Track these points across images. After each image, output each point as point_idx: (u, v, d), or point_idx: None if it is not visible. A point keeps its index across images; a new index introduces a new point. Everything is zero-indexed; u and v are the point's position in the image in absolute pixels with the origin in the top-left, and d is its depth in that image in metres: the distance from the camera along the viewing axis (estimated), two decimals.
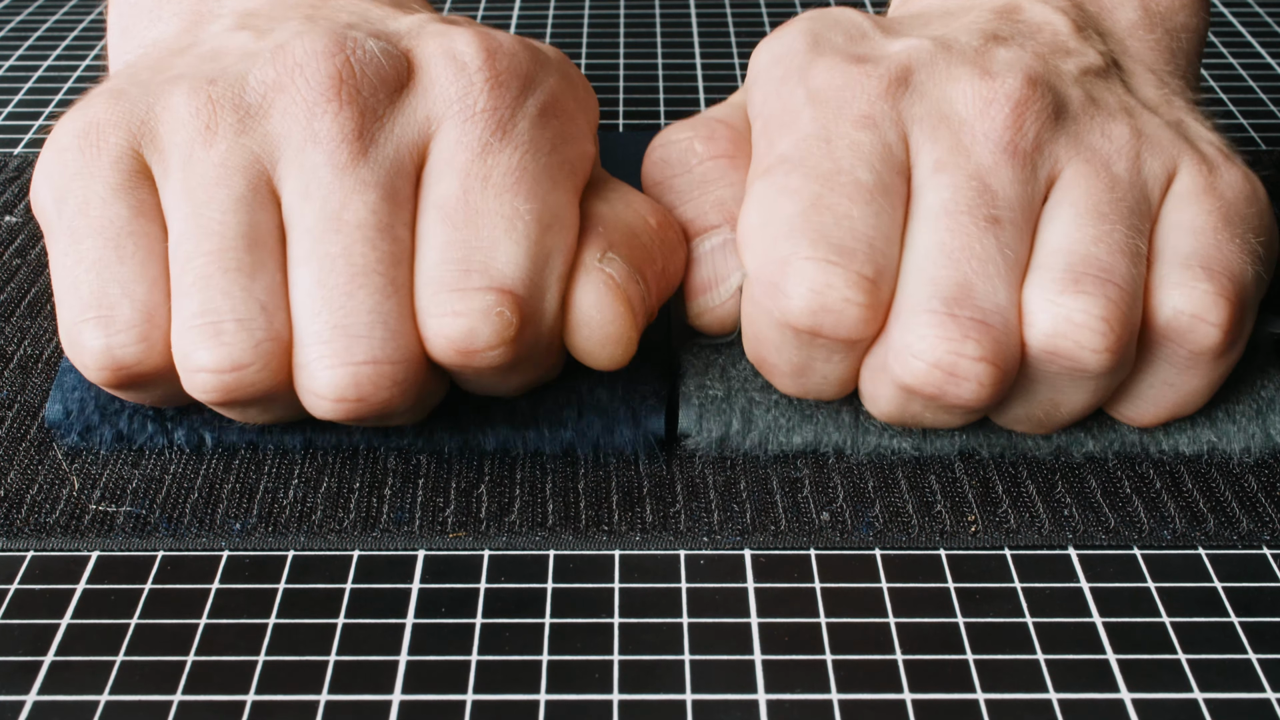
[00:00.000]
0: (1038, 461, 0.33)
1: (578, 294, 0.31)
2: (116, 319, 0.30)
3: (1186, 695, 0.27)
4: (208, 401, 0.30)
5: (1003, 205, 0.30)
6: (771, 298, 0.30)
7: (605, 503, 0.32)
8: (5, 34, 0.58)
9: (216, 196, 0.30)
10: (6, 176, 0.46)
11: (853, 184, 0.30)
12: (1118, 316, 0.29)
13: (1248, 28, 0.58)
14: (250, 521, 0.31)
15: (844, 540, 0.31)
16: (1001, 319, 0.29)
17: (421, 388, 0.30)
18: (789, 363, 0.31)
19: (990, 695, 0.27)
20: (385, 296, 0.29)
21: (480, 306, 0.29)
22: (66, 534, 0.31)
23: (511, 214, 0.30)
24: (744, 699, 0.27)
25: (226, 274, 0.29)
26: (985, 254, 0.30)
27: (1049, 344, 0.30)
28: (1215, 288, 0.30)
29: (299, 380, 0.30)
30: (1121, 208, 0.31)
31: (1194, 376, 0.32)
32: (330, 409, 0.29)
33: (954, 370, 0.29)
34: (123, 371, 0.30)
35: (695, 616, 0.29)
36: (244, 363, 0.29)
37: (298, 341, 0.29)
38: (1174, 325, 0.30)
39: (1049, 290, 0.29)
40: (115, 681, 0.27)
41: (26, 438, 0.34)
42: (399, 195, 0.30)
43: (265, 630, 0.28)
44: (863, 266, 0.29)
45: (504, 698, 0.27)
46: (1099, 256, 0.30)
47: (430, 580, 0.30)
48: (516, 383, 0.32)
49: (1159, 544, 0.31)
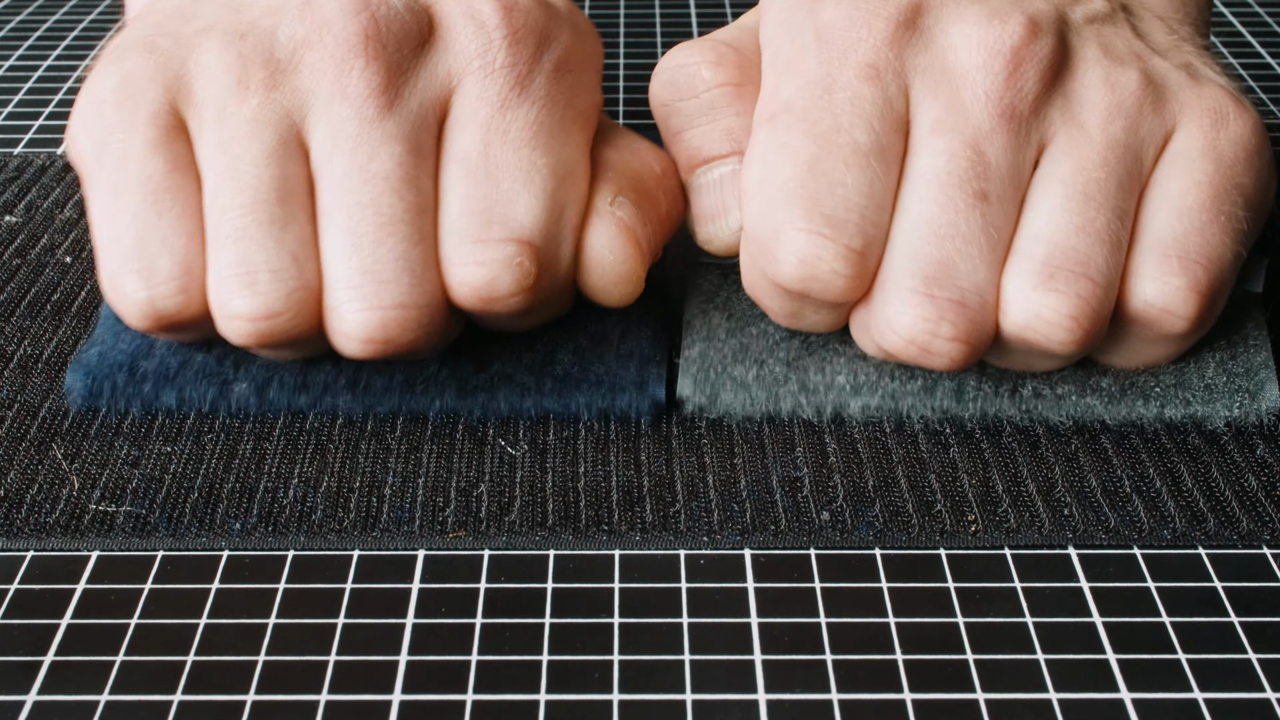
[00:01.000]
0: (1038, 461, 0.33)
1: (590, 237, 0.33)
2: (157, 271, 0.31)
3: (1186, 695, 0.27)
4: (242, 345, 0.32)
5: (993, 178, 0.31)
6: (764, 259, 0.32)
7: (605, 503, 0.32)
8: (5, 34, 0.58)
9: (250, 150, 0.31)
10: (6, 176, 0.46)
11: (850, 146, 0.31)
12: (1087, 314, 0.31)
13: (1248, 28, 0.58)
14: (250, 521, 0.31)
15: (844, 540, 0.31)
16: (978, 299, 0.31)
17: (443, 328, 0.32)
18: (781, 308, 0.33)
19: (990, 695, 0.27)
20: (412, 244, 0.31)
21: (501, 257, 0.31)
22: (66, 534, 0.31)
23: (529, 168, 0.32)
24: (744, 699, 0.27)
25: (260, 226, 0.31)
26: (970, 233, 0.31)
27: (1020, 333, 0.31)
28: (1188, 282, 0.31)
29: (329, 322, 0.31)
30: (1110, 185, 0.32)
31: (1163, 348, 0.34)
32: (358, 349, 0.31)
33: (928, 347, 0.31)
34: (163, 320, 0.32)
35: (695, 616, 0.29)
36: (277, 311, 0.31)
37: (328, 286, 0.31)
38: (1144, 315, 0.32)
39: (1025, 283, 0.31)
40: (115, 681, 0.27)
41: (26, 438, 0.34)
42: (423, 148, 0.32)
43: (265, 630, 0.28)
44: (852, 240, 0.31)
45: (504, 698, 0.27)
46: (1078, 249, 0.31)
47: (430, 580, 0.30)
48: (531, 322, 0.34)
49: (1159, 544, 0.31)
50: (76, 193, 0.44)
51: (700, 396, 0.34)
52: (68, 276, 0.40)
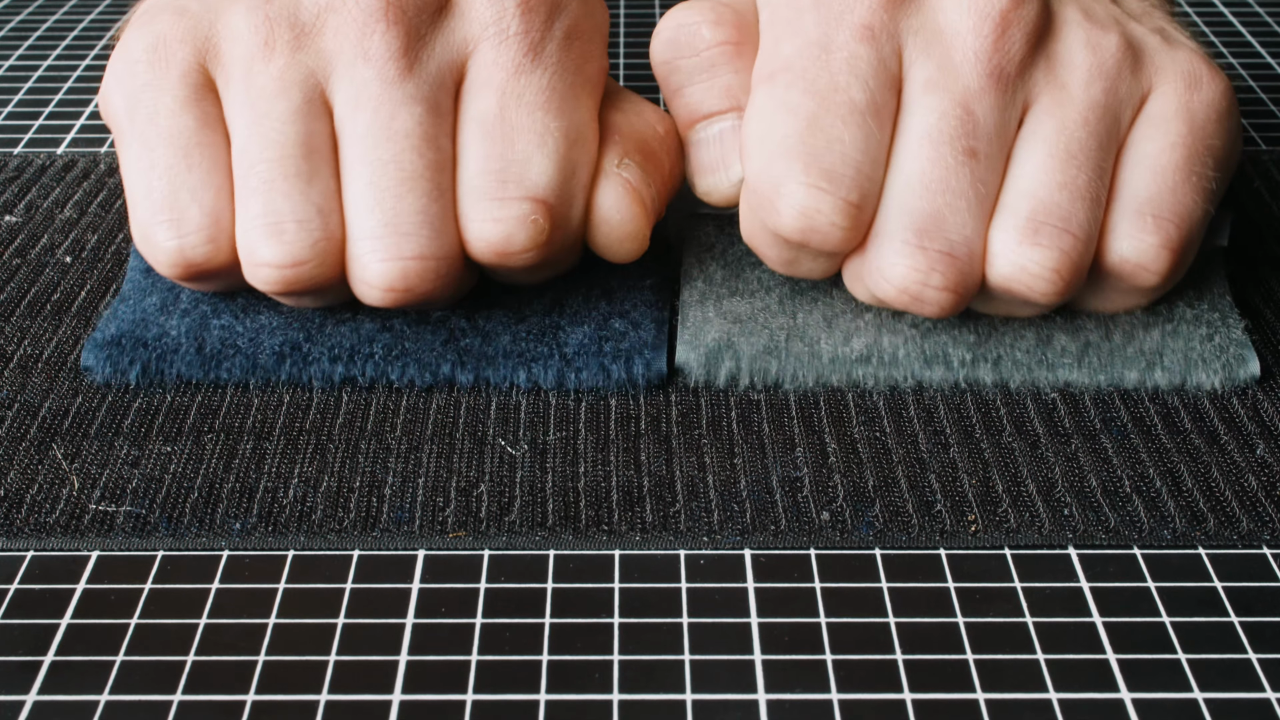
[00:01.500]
0: (1038, 461, 0.33)
1: (599, 197, 0.35)
2: (186, 221, 0.33)
3: (1186, 695, 0.27)
4: (268, 292, 0.34)
5: (982, 136, 0.33)
6: (765, 210, 0.33)
7: (605, 503, 0.32)
8: (5, 34, 0.58)
9: (276, 108, 0.33)
10: (6, 176, 0.46)
11: (847, 104, 0.33)
12: (1069, 267, 0.33)
13: (1248, 28, 0.58)
14: (250, 521, 0.31)
15: (844, 540, 0.31)
16: (967, 250, 0.33)
17: (458, 280, 0.34)
18: (779, 256, 0.35)
19: (990, 695, 0.27)
20: (431, 200, 0.33)
21: (517, 214, 0.33)
22: (66, 534, 0.31)
23: (543, 130, 0.34)
24: (744, 699, 0.27)
25: (286, 179, 0.33)
26: (959, 188, 0.33)
27: (1005, 283, 0.33)
28: (1161, 240, 0.33)
29: (352, 271, 0.33)
30: (1090, 144, 0.33)
31: (1135, 298, 0.36)
32: (380, 297, 0.33)
33: (919, 296, 0.33)
34: (193, 268, 0.34)
35: (695, 616, 0.29)
36: (303, 259, 0.33)
37: (351, 237, 0.33)
38: (1120, 269, 0.34)
39: (1011, 237, 0.33)
40: (115, 681, 0.27)
41: (26, 438, 0.34)
42: (441, 108, 0.34)
43: (265, 630, 0.28)
44: (849, 193, 0.32)
45: (504, 698, 0.27)
46: (1061, 205, 0.33)
47: (430, 580, 0.30)
48: (541, 276, 0.36)
49: (1159, 544, 0.31)
50: (76, 192, 0.44)
51: (700, 368, 0.35)
52: (68, 276, 0.40)
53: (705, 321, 0.36)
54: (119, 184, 0.45)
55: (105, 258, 0.41)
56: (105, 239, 0.42)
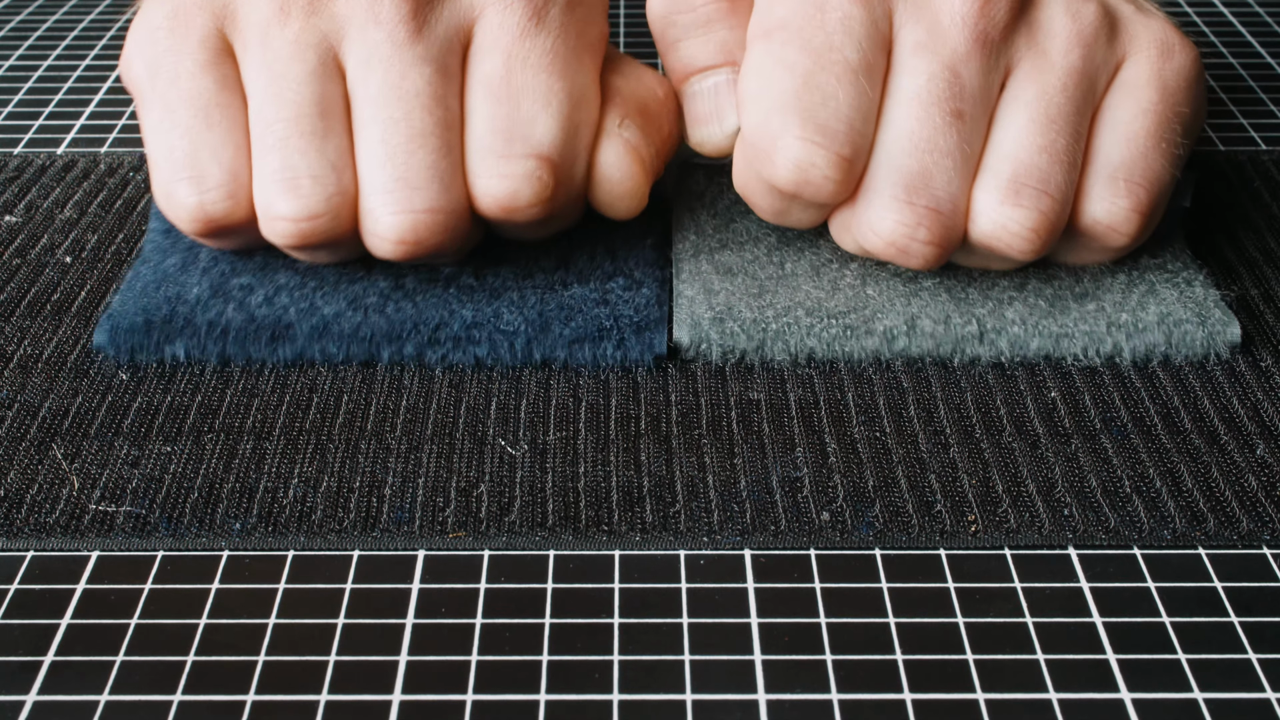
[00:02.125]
0: (1038, 461, 0.33)
1: (601, 156, 0.36)
2: (207, 178, 0.34)
3: (1186, 695, 0.27)
4: (284, 245, 0.35)
5: (967, 98, 0.34)
6: (760, 162, 0.35)
7: (605, 503, 0.32)
8: (5, 34, 0.58)
9: (292, 70, 0.35)
10: (6, 176, 0.46)
11: (841, 63, 0.34)
12: (1045, 227, 0.34)
13: (1248, 28, 0.58)
14: (250, 521, 0.31)
15: (844, 540, 0.31)
16: (951, 207, 0.34)
17: (466, 234, 0.35)
18: (770, 206, 0.36)
19: (990, 695, 0.27)
20: (440, 156, 0.34)
21: (522, 171, 0.35)
22: (66, 534, 0.31)
23: (547, 91, 0.35)
24: (744, 699, 0.27)
25: (302, 137, 0.34)
26: (946, 148, 0.34)
27: (985, 240, 0.35)
28: (1131, 204, 0.35)
29: (365, 225, 0.35)
30: (1068, 110, 0.35)
31: (1104, 255, 0.37)
32: (391, 249, 0.34)
33: (905, 249, 0.34)
34: (212, 223, 0.35)
35: (695, 617, 0.29)
36: (317, 213, 0.34)
37: (363, 192, 0.34)
38: (1093, 230, 0.36)
39: (993, 197, 0.34)
40: (115, 681, 0.27)
41: (26, 438, 0.34)
42: (449, 70, 0.35)
43: (265, 630, 0.28)
44: (842, 148, 0.34)
45: (504, 698, 0.27)
46: (1040, 167, 0.34)
47: (430, 580, 0.30)
48: (545, 232, 0.38)
49: (1159, 544, 0.31)
50: (76, 192, 0.44)
51: (697, 339, 0.36)
52: (68, 276, 0.40)
53: (697, 276, 0.38)
54: (119, 184, 0.45)
55: (105, 258, 0.41)
56: (105, 239, 0.42)
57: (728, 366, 0.36)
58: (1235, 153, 0.47)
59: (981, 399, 0.35)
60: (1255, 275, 0.40)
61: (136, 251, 0.39)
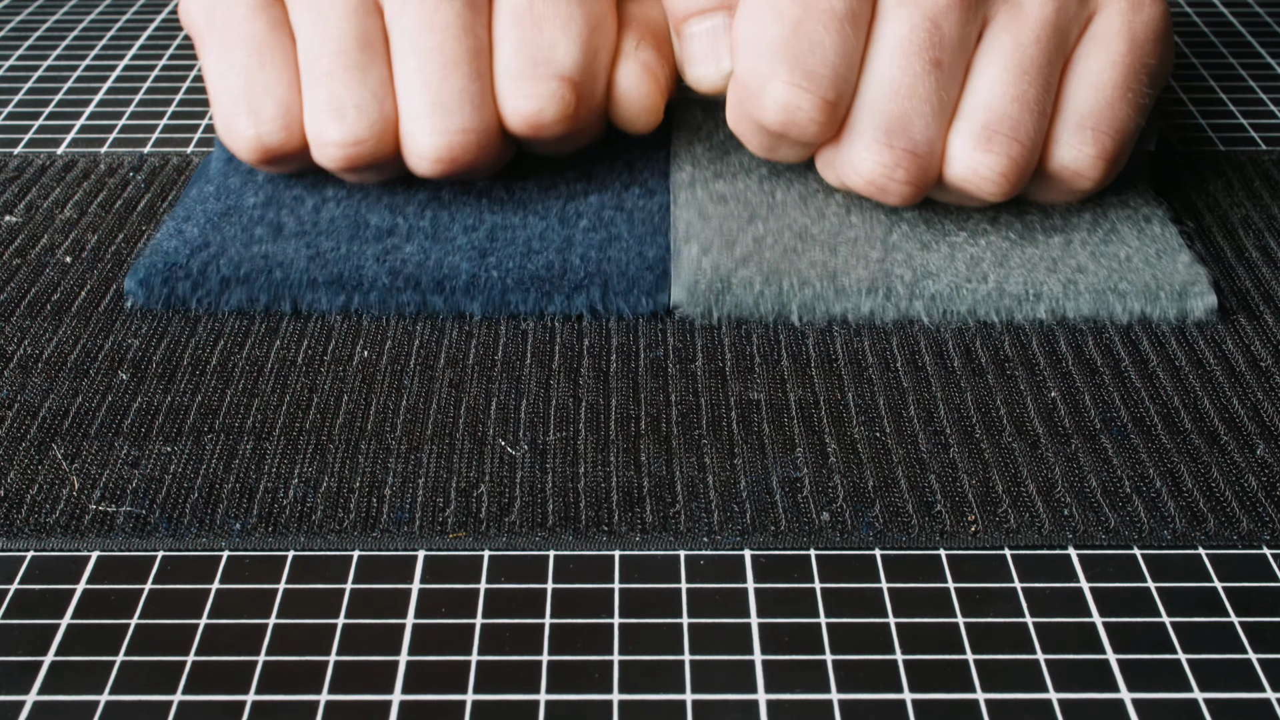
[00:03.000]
0: (1038, 461, 0.33)
1: (619, 76, 0.40)
2: (263, 111, 0.38)
3: (1186, 695, 0.27)
4: (334, 168, 0.39)
5: (946, 48, 0.36)
6: (751, 103, 0.37)
7: (605, 503, 0.32)
8: (5, 34, 0.58)
9: (335, 8, 0.38)
10: (6, 176, 0.46)
11: (829, 12, 0.36)
12: (1015, 172, 0.37)
13: (1248, 28, 0.58)
14: (250, 521, 0.31)
15: (844, 540, 0.31)
16: (928, 150, 0.37)
17: (498, 152, 0.39)
18: (760, 143, 0.39)
19: (990, 695, 0.27)
20: (471, 81, 0.38)
21: (547, 91, 0.38)
22: (66, 534, 0.31)
23: (567, 18, 0.39)
24: (744, 699, 0.27)
25: (346, 70, 0.38)
26: (925, 95, 0.36)
27: (958, 183, 0.37)
28: (1097, 151, 0.38)
29: (406, 147, 0.38)
30: (1041, 61, 0.37)
31: (1071, 196, 0.40)
32: (430, 168, 0.38)
33: (884, 188, 0.37)
34: (269, 152, 0.39)
35: (695, 617, 0.29)
36: (363, 138, 0.38)
37: (403, 116, 0.38)
38: (1060, 174, 0.38)
39: (967, 143, 0.37)
40: (115, 681, 0.27)
41: (26, 438, 0.34)
42: (477, 3, 0.38)
43: (265, 630, 0.28)
44: (827, 92, 0.36)
45: (504, 698, 0.27)
46: (1012, 116, 0.37)
47: (430, 580, 0.30)
48: (570, 147, 0.41)
49: (1159, 544, 0.31)
50: (76, 192, 0.44)
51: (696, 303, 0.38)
52: (68, 276, 0.40)
53: (693, 202, 0.41)
54: (119, 184, 0.45)
55: (105, 258, 0.41)
56: (105, 239, 0.42)
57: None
58: (1235, 153, 0.47)
59: (981, 399, 0.35)
60: (1255, 276, 0.40)
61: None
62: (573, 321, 0.38)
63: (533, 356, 0.37)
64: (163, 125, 0.49)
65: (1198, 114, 0.50)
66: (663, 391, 0.35)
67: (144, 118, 0.50)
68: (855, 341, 0.37)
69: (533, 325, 0.38)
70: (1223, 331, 0.38)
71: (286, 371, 0.36)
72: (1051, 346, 0.37)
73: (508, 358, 0.36)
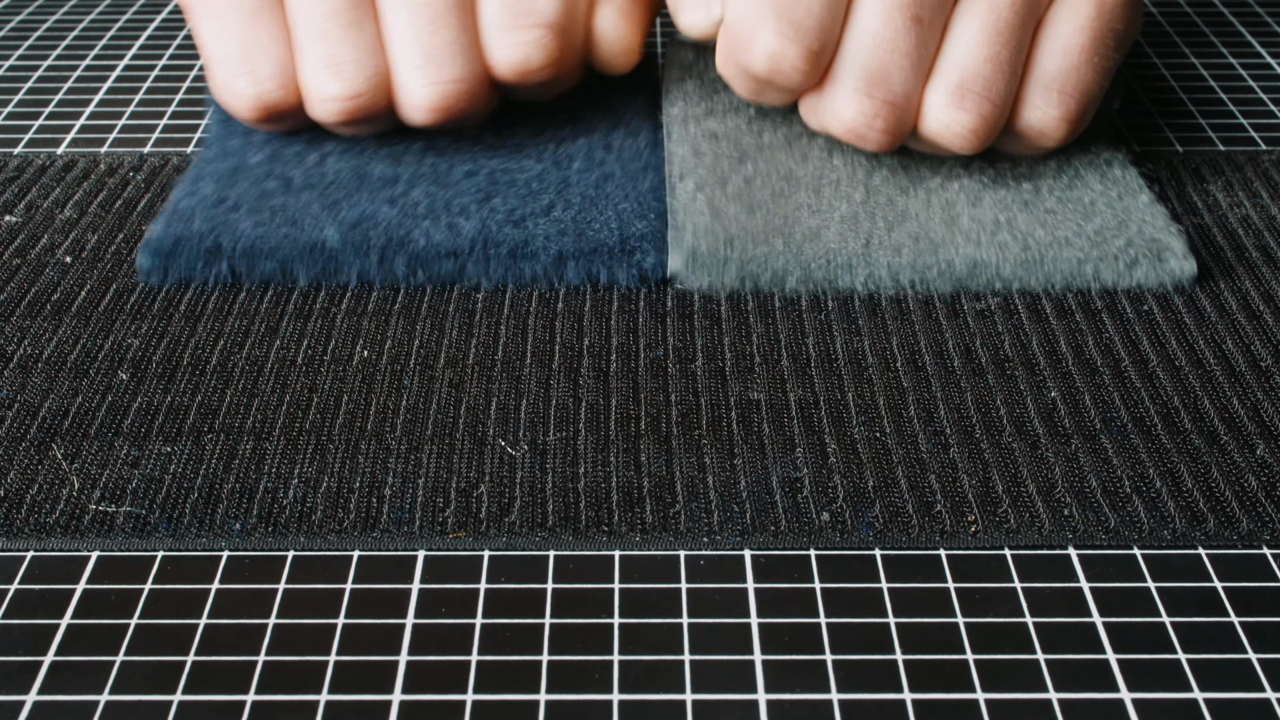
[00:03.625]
0: (1038, 461, 0.33)
1: (598, 21, 0.42)
2: (260, 71, 0.40)
3: (1186, 695, 0.27)
4: (331, 123, 0.41)
5: (927, 6, 0.38)
6: (739, 51, 0.39)
7: (605, 503, 0.32)
8: (5, 34, 0.58)
9: None
10: (6, 176, 0.46)
11: None
12: (985, 128, 0.39)
13: (1248, 28, 0.58)
14: (250, 521, 0.31)
15: (844, 540, 0.31)
16: (905, 102, 0.39)
17: (487, 99, 0.42)
18: (747, 88, 0.41)
19: (990, 695, 0.27)
20: (459, 33, 0.40)
21: (532, 39, 0.40)
22: (66, 534, 0.31)
23: None
24: (744, 699, 0.27)
25: (340, 28, 0.40)
26: (905, 49, 0.38)
27: (932, 136, 0.40)
28: (1062, 113, 0.40)
29: (400, 98, 0.41)
30: (1015, 24, 0.39)
31: (1040, 150, 0.42)
32: (424, 117, 0.41)
33: (863, 135, 0.39)
34: (269, 109, 0.41)
35: (695, 617, 0.29)
36: (360, 92, 0.40)
37: (396, 69, 0.40)
38: (1027, 132, 0.41)
39: (941, 99, 0.39)
40: (115, 681, 0.27)
41: (26, 438, 0.34)
42: None
43: (265, 630, 0.28)
44: (812, 43, 0.38)
45: (504, 698, 0.27)
46: (985, 76, 0.39)
47: (430, 580, 0.30)
48: (554, 92, 0.43)
49: (1159, 544, 0.31)
50: (76, 192, 0.44)
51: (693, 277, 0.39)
52: (68, 276, 0.40)
53: (686, 139, 0.43)
54: (119, 184, 0.45)
55: (105, 258, 0.41)
56: (105, 239, 0.42)
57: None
58: (1235, 153, 0.47)
59: (981, 399, 0.35)
60: (1255, 276, 0.40)
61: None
62: (573, 320, 0.38)
63: (533, 356, 0.37)
64: (163, 125, 0.49)
65: (1198, 114, 0.50)
66: (663, 391, 0.35)
67: (144, 118, 0.50)
68: (855, 341, 0.37)
69: (533, 325, 0.38)
70: (1223, 331, 0.38)
71: (286, 371, 0.36)
72: (1052, 346, 0.37)
73: (508, 358, 0.36)
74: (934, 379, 0.36)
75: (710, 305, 0.39)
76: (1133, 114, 0.50)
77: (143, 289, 0.39)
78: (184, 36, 0.58)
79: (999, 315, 0.38)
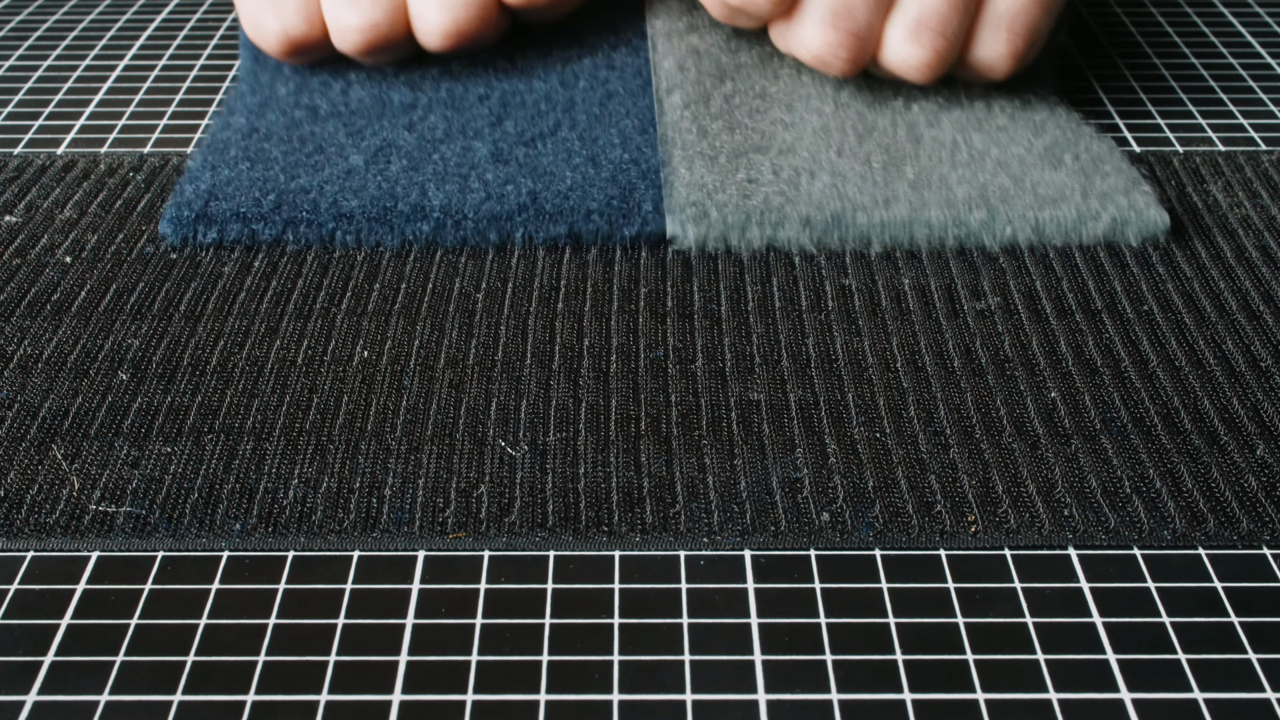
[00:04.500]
0: (1038, 461, 0.33)
1: None
2: (285, 7, 0.45)
3: (1186, 695, 0.27)
4: (353, 52, 0.45)
5: None
6: None
7: (605, 503, 0.32)
8: (5, 34, 0.58)
9: None
10: (6, 176, 0.46)
11: None
12: (938, 64, 0.44)
13: (1248, 28, 0.58)
14: (250, 521, 0.31)
15: (844, 540, 0.31)
16: (868, 33, 0.43)
17: (497, 23, 0.46)
18: (721, 12, 0.46)
19: (990, 695, 0.27)
20: None
21: None
22: (66, 534, 0.31)
23: None
24: (744, 699, 0.27)
25: None
26: None
27: (890, 67, 0.44)
28: (1010, 50, 0.44)
29: (416, 26, 0.45)
30: None
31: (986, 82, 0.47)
32: (440, 42, 0.45)
33: (828, 63, 0.44)
34: (294, 44, 0.46)
35: (695, 617, 0.29)
36: (379, 21, 0.44)
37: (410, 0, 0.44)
38: (976, 66, 0.45)
39: (900, 33, 0.43)
40: (115, 681, 0.27)
41: (26, 438, 0.34)
42: None
43: (265, 630, 0.28)
44: None
45: (504, 698, 0.27)
46: (942, 14, 0.43)
47: (430, 580, 0.30)
48: (561, 13, 0.48)
49: (1159, 544, 0.31)
50: (76, 192, 0.44)
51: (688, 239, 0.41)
52: (68, 276, 0.40)
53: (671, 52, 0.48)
54: (119, 184, 0.45)
55: (105, 258, 0.41)
56: (105, 239, 0.42)
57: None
58: (1235, 153, 0.47)
59: (981, 399, 0.35)
60: (1255, 276, 0.40)
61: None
62: (573, 321, 0.38)
63: (533, 357, 0.37)
64: (163, 125, 0.49)
65: (1198, 114, 0.50)
66: (663, 391, 0.35)
67: (144, 118, 0.50)
68: (855, 342, 0.37)
69: (533, 325, 0.38)
70: (1223, 331, 0.38)
71: (286, 372, 0.36)
72: (1051, 347, 0.37)
73: (508, 358, 0.36)
74: (934, 379, 0.36)
75: (710, 305, 0.39)
76: (1133, 114, 0.50)
77: (143, 289, 0.39)
78: (184, 36, 0.58)
79: (999, 315, 0.38)
